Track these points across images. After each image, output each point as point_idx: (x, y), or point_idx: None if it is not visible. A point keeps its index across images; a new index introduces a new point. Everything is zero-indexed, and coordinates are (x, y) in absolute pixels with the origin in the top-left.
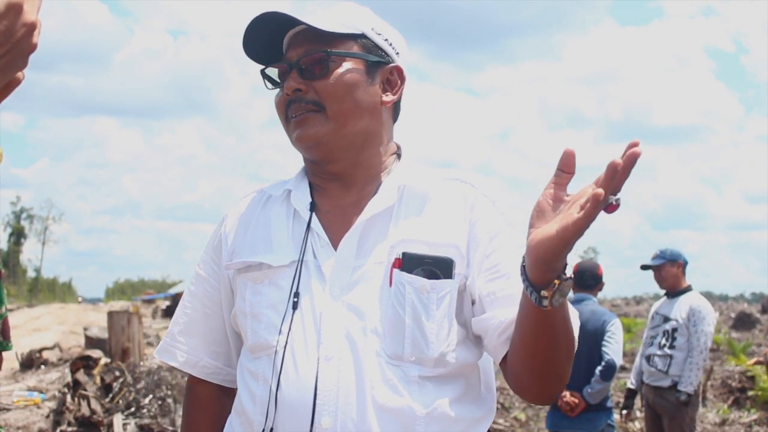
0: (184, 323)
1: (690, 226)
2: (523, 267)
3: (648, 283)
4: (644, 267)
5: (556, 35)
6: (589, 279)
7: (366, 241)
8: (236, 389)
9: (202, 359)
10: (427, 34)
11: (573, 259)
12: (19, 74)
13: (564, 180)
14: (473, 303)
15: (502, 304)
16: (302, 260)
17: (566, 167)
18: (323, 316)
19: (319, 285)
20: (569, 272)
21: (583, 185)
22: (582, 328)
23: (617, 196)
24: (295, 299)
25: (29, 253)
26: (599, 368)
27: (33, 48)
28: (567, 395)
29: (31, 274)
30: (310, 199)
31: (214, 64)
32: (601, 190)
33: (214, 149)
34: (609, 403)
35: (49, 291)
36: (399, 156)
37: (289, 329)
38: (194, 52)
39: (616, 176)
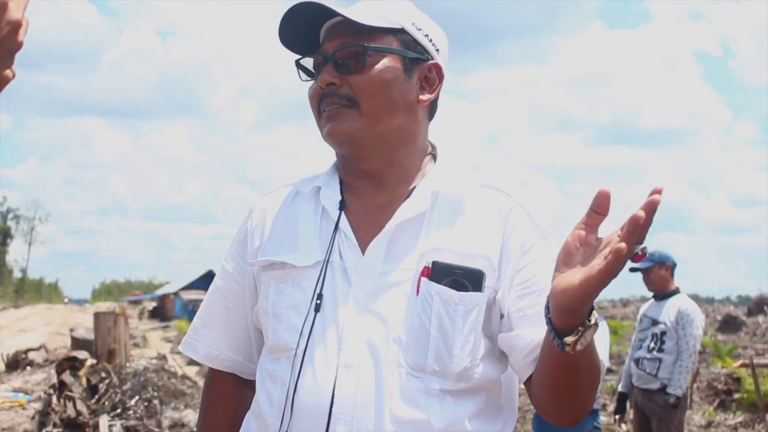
0: (206, 317)
1: (678, 229)
2: (547, 308)
3: (634, 286)
4: (633, 269)
5: (545, 38)
6: None
7: (395, 246)
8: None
9: (223, 353)
10: None
11: None
12: (9, 72)
13: (596, 221)
14: (501, 317)
15: (531, 322)
16: (328, 261)
17: (599, 208)
18: (345, 322)
19: (343, 288)
20: (594, 317)
21: (571, 185)
22: None
23: (643, 245)
24: (318, 301)
25: (15, 254)
26: None
27: (18, 46)
28: None
29: (17, 274)
30: (340, 197)
31: (203, 65)
32: (623, 245)
33: (202, 150)
34: (595, 405)
35: (35, 292)
36: (434, 157)
37: (310, 332)
38: (183, 52)
39: (638, 228)
